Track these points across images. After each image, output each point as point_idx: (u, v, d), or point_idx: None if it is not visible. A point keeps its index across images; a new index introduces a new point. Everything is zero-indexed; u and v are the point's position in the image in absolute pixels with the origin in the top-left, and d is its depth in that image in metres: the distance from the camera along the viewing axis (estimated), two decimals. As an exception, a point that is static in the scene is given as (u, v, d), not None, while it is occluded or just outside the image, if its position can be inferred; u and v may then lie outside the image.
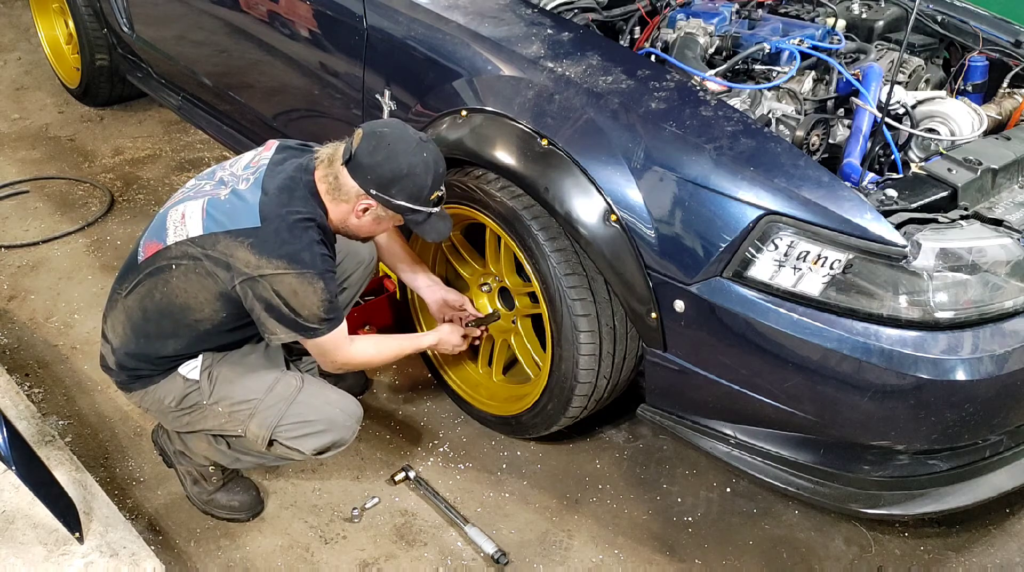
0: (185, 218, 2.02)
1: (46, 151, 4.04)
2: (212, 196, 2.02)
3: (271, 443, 2.12)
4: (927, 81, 2.56)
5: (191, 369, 2.11)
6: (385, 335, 2.34)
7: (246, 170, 2.06)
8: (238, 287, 1.96)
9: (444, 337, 2.38)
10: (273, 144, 2.14)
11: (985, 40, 2.67)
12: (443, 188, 2.06)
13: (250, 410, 2.10)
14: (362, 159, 1.97)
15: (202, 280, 1.99)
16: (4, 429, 1.98)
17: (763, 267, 1.92)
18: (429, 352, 2.67)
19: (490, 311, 2.57)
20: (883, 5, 2.79)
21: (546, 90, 2.19)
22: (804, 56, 2.33)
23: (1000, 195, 2.07)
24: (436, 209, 2.06)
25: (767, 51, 2.37)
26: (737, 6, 2.61)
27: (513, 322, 2.56)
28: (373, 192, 1.98)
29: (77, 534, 2.03)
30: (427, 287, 2.45)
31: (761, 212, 1.90)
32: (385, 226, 2.10)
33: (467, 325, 2.46)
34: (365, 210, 2.02)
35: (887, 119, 2.17)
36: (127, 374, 2.14)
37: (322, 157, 2.04)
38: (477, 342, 2.52)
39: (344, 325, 2.08)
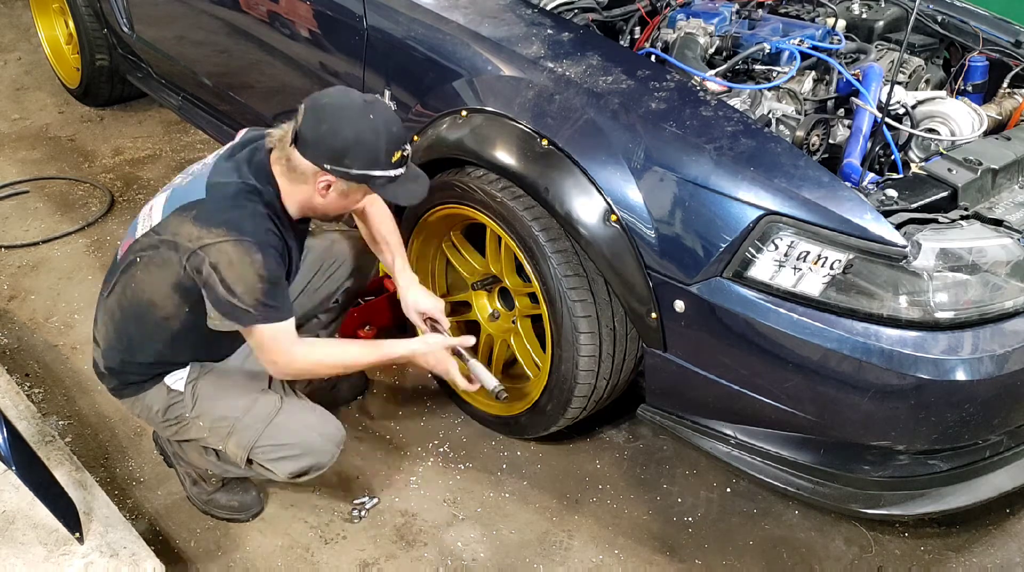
0: (152, 210, 2.03)
1: (46, 151, 4.04)
2: (177, 186, 2.04)
3: (250, 461, 2.12)
4: (927, 81, 2.56)
5: (177, 380, 2.10)
6: (348, 341, 2.11)
7: (213, 157, 2.07)
8: (187, 267, 1.90)
9: (429, 349, 2.14)
10: (242, 132, 2.14)
11: (985, 40, 2.67)
12: (407, 147, 1.94)
13: (228, 428, 2.08)
14: (308, 135, 1.88)
15: (160, 270, 1.97)
16: (4, 429, 1.98)
17: (763, 267, 1.92)
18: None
19: (471, 345, 2.21)
20: (883, 5, 2.78)
21: (546, 90, 2.19)
22: (804, 56, 2.33)
23: (1000, 195, 2.08)
24: (401, 170, 1.95)
25: (767, 51, 2.36)
26: (737, 6, 2.61)
27: (513, 322, 2.56)
28: (328, 167, 1.89)
29: (77, 534, 2.03)
30: (402, 278, 2.28)
31: (761, 212, 1.90)
32: (354, 199, 2.02)
33: (456, 352, 2.20)
34: (328, 187, 1.95)
35: (887, 119, 2.17)
36: (117, 379, 2.15)
37: (274, 138, 1.97)
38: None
39: (291, 323, 1.96)
